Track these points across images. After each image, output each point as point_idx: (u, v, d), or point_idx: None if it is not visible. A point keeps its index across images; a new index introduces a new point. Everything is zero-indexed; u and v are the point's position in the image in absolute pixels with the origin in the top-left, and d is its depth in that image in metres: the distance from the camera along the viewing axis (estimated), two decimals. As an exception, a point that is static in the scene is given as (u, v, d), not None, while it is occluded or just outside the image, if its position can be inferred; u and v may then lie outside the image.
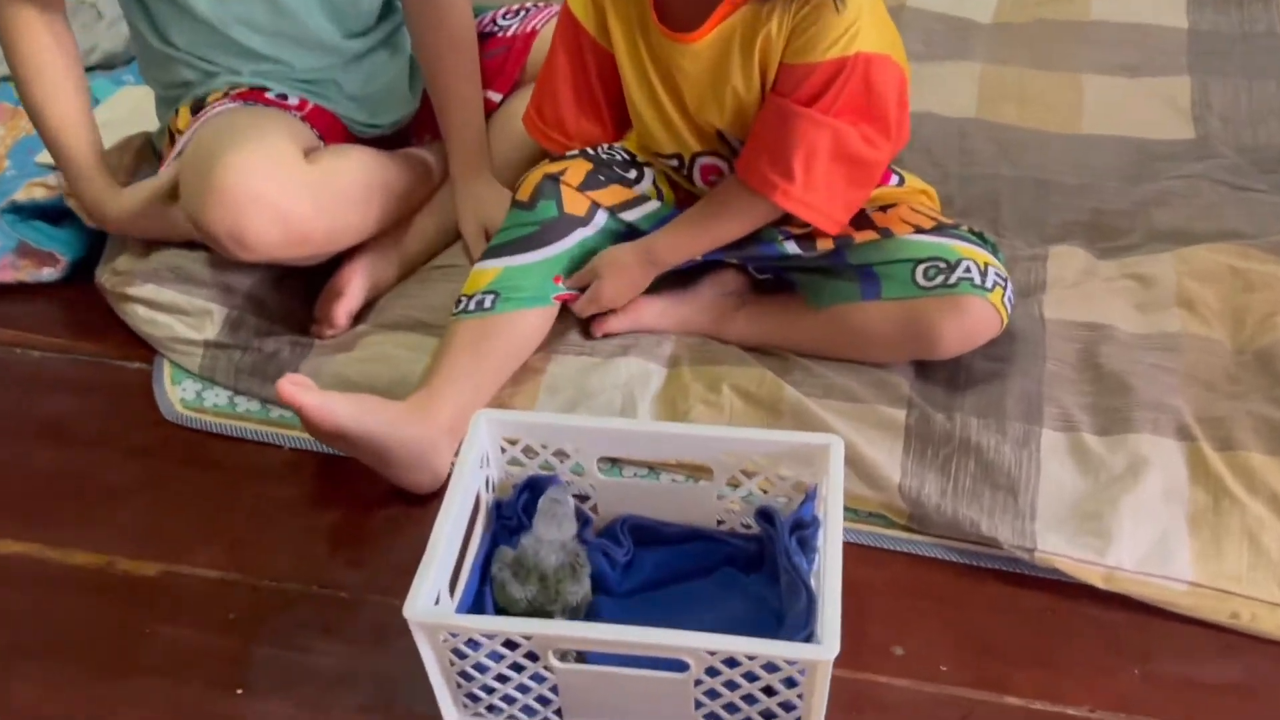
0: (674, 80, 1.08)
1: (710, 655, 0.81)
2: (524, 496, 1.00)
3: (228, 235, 1.09)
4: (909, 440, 1.06)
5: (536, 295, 1.12)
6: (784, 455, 0.94)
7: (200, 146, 1.15)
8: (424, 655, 0.85)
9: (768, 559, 0.98)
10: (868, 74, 0.99)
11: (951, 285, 1.05)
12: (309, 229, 1.13)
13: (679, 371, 1.14)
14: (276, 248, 1.12)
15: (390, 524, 1.09)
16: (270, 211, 1.09)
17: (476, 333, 1.10)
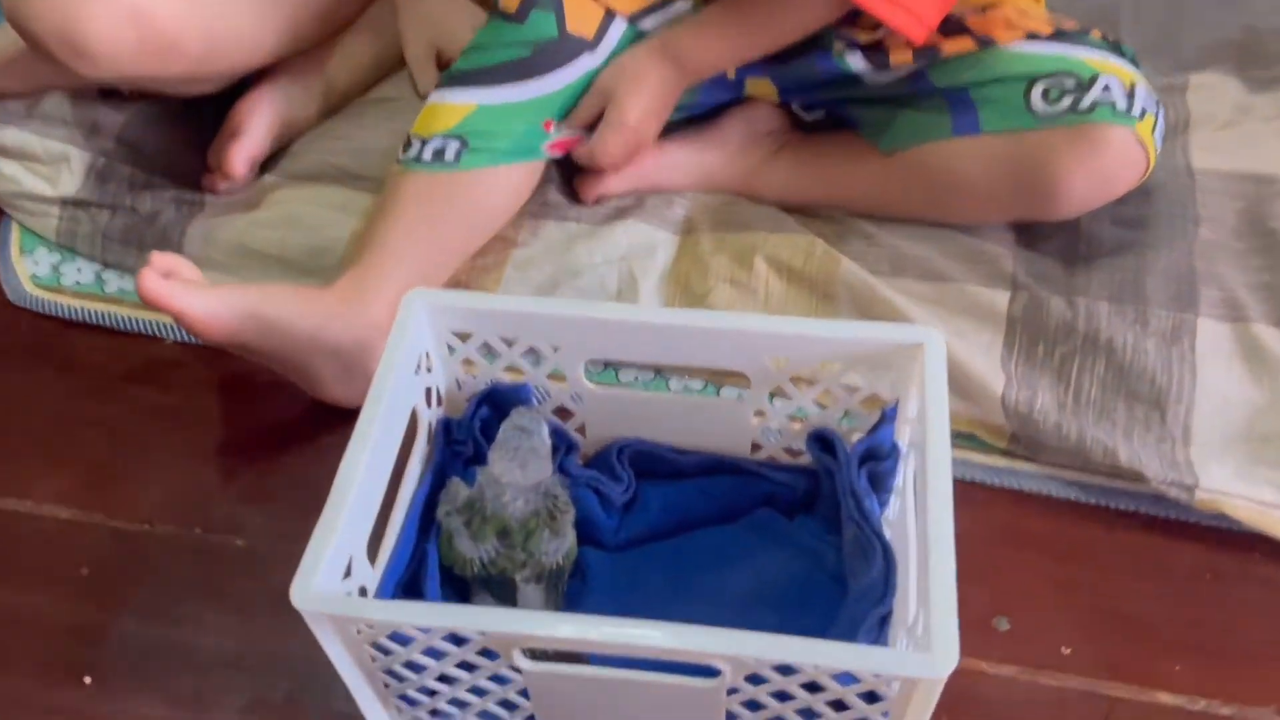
0: None
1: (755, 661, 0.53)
2: (482, 413, 0.71)
3: (59, 38, 0.77)
4: (1014, 334, 0.78)
5: (520, 146, 0.81)
6: (851, 357, 0.65)
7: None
8: (330, 653, 0.57)
9: (823, 500, 0.71)
10: None
11: (1084, 111, 0.74)
12: (177, 31, 0.81)
13: (695, 240, 0.85)
14: (130, 57, 0.79)
15: (307, 448, 0.80)
16: (118, 1, 0.77)
17: (432, 193, 0.79)
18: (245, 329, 0.71)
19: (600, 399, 0.71)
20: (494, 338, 0.69)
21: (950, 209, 0.82)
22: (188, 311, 0.69)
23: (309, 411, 0.81)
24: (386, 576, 0.64)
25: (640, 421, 0.72)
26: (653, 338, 0.67)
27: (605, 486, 0.71)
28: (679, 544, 0.72)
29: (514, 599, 0.65)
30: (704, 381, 0.81)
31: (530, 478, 0.64)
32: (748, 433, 0.72)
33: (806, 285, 0.81)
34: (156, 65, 0.81)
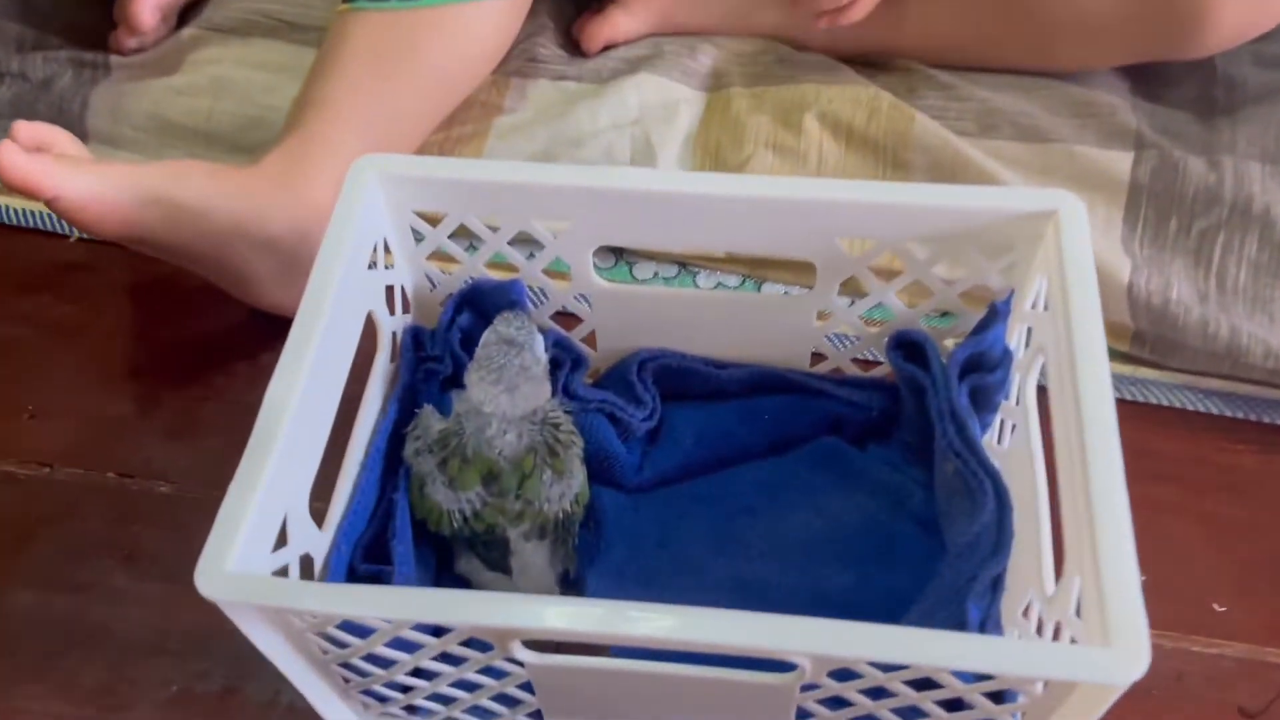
0: None
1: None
2: (462, 320, 0.55)
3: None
4: (1138, 206, 0.61)
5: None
6: (953, 233, 0.49)
7: None
8: (264, 649, 0.42)
9: (905, 424, 0.55)
10: None
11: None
12: None
13: (727, 97, 0.67)
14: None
15: (246, 370, 0.64)
16: None
17: (385, 37, 0.61)
18: (146, 217, 0.54)
19: (615, 300, 0.55)
20: (474, 220, 0.52)
21: (1058, 49, 0.64)
22: (64, 195, 0.52)
23: (248, 324, 0.65)
24: (341, 538, 0.48)
25: (666, 328, 0.56)
26: (686, 214, 0.50)
27: (623, 411, 0.55)
28: (719, 483, 0.56)
29: (507, 562, 0.50)
30: (742, 276, 0.64)
31: (522, 405, 0.48)
32: (808, 339, 0.55)
33: (871, 149, 0.63)
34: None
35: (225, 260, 0.58)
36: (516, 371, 0.48)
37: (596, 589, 0.52)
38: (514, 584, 0.50)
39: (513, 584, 0.50)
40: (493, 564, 0.50)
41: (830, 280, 0.51)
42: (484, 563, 0.50)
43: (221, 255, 0.57)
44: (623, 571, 0.53)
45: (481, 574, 0.51)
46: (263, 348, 0.63)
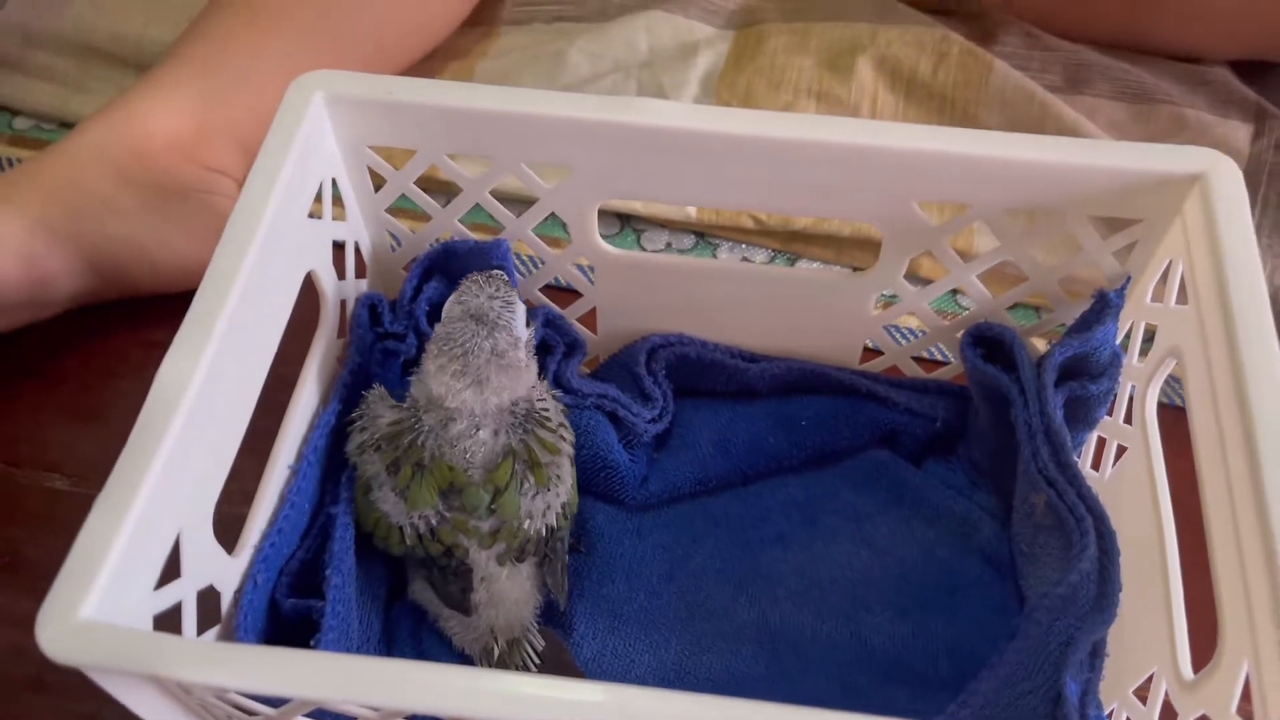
0: None
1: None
2: (431, 289, 0.44)
3: None
4: (1258, 186, 0.51)
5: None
6: (1061, 200, 0.38)
7: None
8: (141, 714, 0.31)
9: (976, 438, 0.44)
10: None
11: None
12: None
13: (759, 35, 0.56)
14: None
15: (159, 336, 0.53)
16: None
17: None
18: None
19: (623, 270, 0.44)
20: (449, 160, 0.41)
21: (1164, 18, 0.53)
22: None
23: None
24: (260, 566, 0.37)
25: (684, 309, 0.45)
26: (719, 162, 0.39)
27: (627, 409, 0.44)
28: (742, 501, 0.46)
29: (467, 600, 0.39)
30: (772, 251, 0.53)
31: (493, 398, 0.37)
32: (861, 329, 0.45)
33: (937, 103, 0.53)
34: None
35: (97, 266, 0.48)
36: (487, 358, 0.37)
37: (582, 632, 0.42)
38: (477, 622, 0.39)
39: (475, 623, 0.39)
40: (450, 600, 0.39)
41: (899, 257, 0.41)
42: (440, 596, 0.39)
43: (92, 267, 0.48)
44: (619, 611, 0.43)
45: (439, 608, 0.40)
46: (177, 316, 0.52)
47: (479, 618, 0.39)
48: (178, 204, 0.49)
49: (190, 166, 0.49)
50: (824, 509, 0.45)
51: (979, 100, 0.52)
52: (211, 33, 0.50)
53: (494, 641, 0.39)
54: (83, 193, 0.48)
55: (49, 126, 0.59)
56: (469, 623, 0.39)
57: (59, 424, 0.50)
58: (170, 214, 0.49)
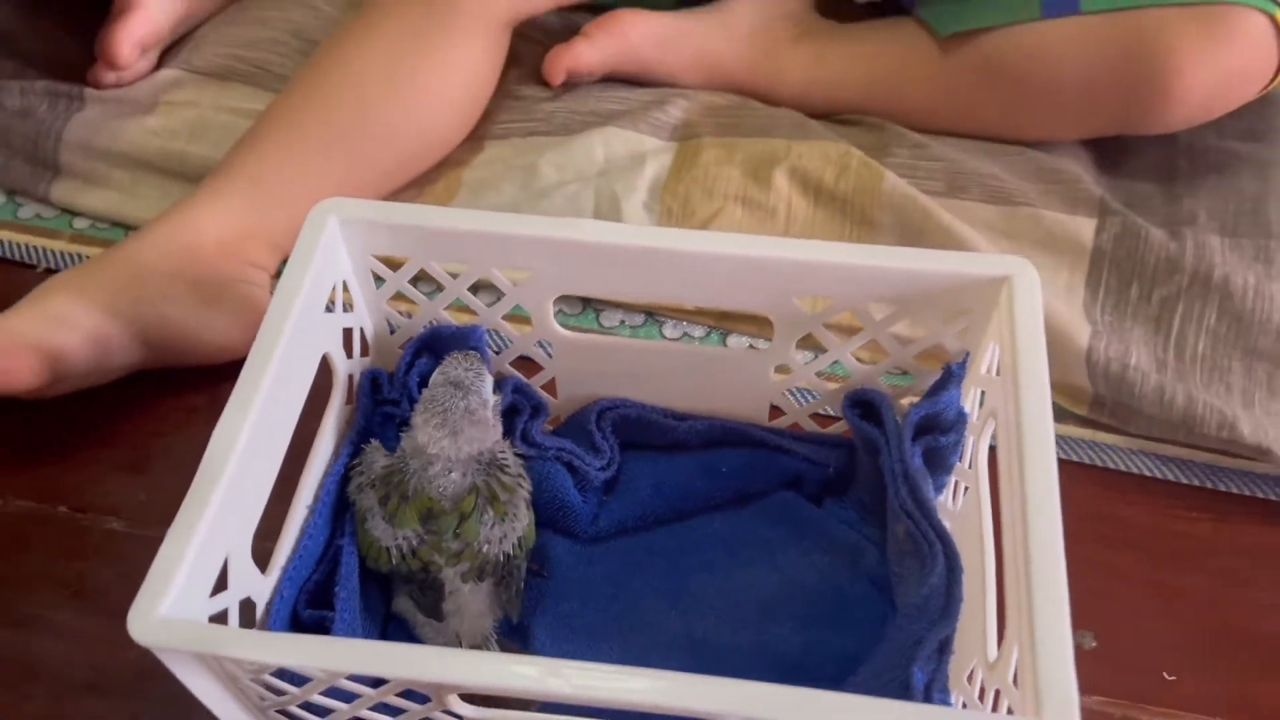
0: None
1: None
2: (421, 364, 0.55)
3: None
4: (1101, 273, 0.62)
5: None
6: (910, 294, 0.49)
7: None
8: (199, 695, 0.42)
9: (861, 481, 0.55)
10: None
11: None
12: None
13: (696, 149, 0.68)
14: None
15: (200, 402, 0.64)
16: None
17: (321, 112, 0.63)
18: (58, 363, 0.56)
19: (576, 348, 0.55)
20: (436, 265, 0.52)
21: (1027, 118, 0.65)
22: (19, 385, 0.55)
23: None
24: (285, 583, 0.47)
25: (627, 378, 0.56)
26: (645, 267, 0.50)
27: (580, 460, 0.55)
28: (675, 535, 0.56)
29: (440, 608, 0.49)
30: (706, 328, 0.64)
31: (466, 447, 0.48)
32: (766, 393, 0.55)
33: (839, 207, 0.64)
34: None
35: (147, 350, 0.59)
36: (461, 414, 0.48)
37: (543, 640, 0.52)
38: (445, 629, 0.50)
39: (444, 629, 0.50)
40: (426, 608, 0.50)
41: (788, 336, 0.52)
42: (417, 606, 0.50)
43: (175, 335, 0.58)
44: (571, 624, 0.53)
45: (415, 615, 0.50)
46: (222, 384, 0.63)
47: (447, 625, 0.49)
48: (221, 294, 0.60)
49: (233, 264, 0.61)
50: (741, 541, 0.56)
51: (874, 204, 0.63)
52: (253, 154, 0.62)
53: (459, 645, 0.49)
54: (143, 284, 0.59)
55: (103, 226, 0.71)
56: (440, 628, 0.49)
57: (115, 475, 0.61)
58: (214, 301, 0.60)
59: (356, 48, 0.65)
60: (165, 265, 0.60)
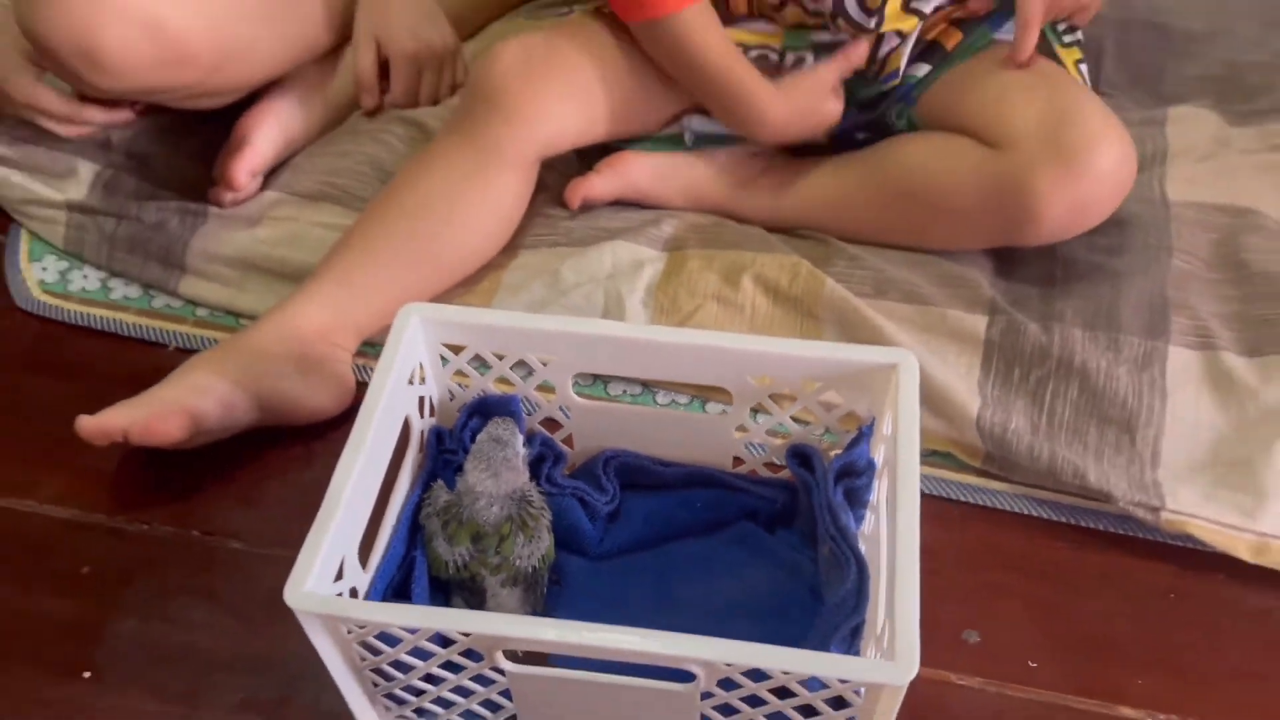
0: None
1: (726, 666, 0.56)
2: (472, 423, 0.74)
3: (76, 49, 0.79)
4: (991, 358, 0.80)
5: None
6: (830, 376, 0.68)
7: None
8: (321, 651, 0.60)
9: (802, 514, 0.73)
10: None
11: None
12: (190, 40, 0.83)
13: (683, 258, 0.87)
14: (145, 68, 0.82)
15: (299, 454, 0.83)
16: (133, 15, 0.79)
17: (404, 233, 0.83)
18: (197, 428, 0.76)
19: (587, 412, 0.74)
20: (486, 351, 0.71)
21: (935, 235, 0.84)
22: (133, 434, 0.74)
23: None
24: (377, 579, 0.66)
25: (626, 434, 0.75)
26: (639, 353, 0.69)
27: (590, 496, 0.74)
28: (662, 554, 0.74)
29: (484, 607, 0.67)
30: (689, 397, 0.83)
31: (504, 486, 0.66)
32: (730, 447, 0.74)
33: (792, 305, 0.83)
34: (170, 76, 0.84)
35: (264, 415, 0.79)
36: (500, 461, 0.66)
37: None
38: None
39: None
40: (473, 607, 0.68)
41: (744, 405, 0.70)
42: (466, 605, 0.68)
43: (260, 414, 0.79)
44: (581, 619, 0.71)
45: (466, 613, 0.69)
46: (313, 439, 0.82)
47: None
48: (317, 370, 0.79)
49: (325, 346, 0.80)
50: (712, 560, 0.74)
51: (818, 304, 0.83)
52: (340, 263, 0.82)
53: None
54: (261, 362, 0.78)
55: (219, 315, 0.90)
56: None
57: (236, 507, 0.80)
58: (312, 375, 0.79)
59: (419, 181, 0.85)
60: (277, 348, 0.79)
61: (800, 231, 0.89)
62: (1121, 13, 1.06)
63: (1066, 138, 0.77)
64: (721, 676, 0.57)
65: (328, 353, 0.81)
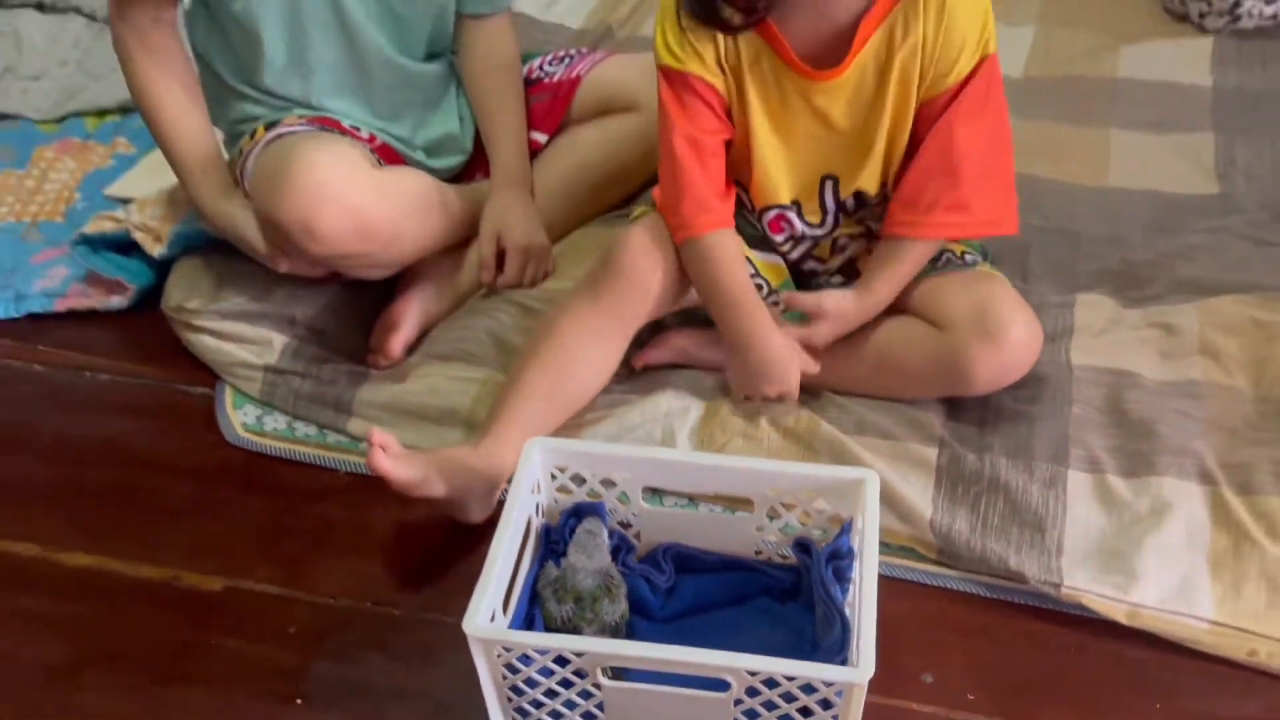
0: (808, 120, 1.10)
1: (751, 675, 0.85)
2: (571, 522, 1.05)
3: (301, 227, 1.16)
4: (940, 478, 1.11)
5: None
6: (821, 489, 0.99)
7: (275, 151, 1.23)
8: (479, 669, 0.90)
9: (804, 589, 1.03)
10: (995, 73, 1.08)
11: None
12: (375, 223, 1.19)
13: (717, 405, 1.19)
14: (344, 240, 1.18)
15: (441, 547, 1.14)
16: (341, 204, 1.17)
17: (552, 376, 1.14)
18: (427, 483, 1.06)
19: (650, 515, 1.05)
20: (581, 470, 1.03)
21: (900, 390, 1.17)
22: (397, 479, 1.04)
23: (438, 520, 1.14)
24: (510, 627, 0.96)
25: (678, 532, 1.06)
26: (688, 473, 1.01)
27: (653, 576, 1.04)
28: (705, 619, 1.04)
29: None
30: (723, 506, 1.14)
31: (595, 564, 0.97)
32: (753, 541, 1.05)
33: (796, 440, 1.15)
34: (357, 246, 1.19)
35: (457, 504, 1.10)
36: (594, 547, 0.97)
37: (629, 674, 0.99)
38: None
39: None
40: (577, 652, 0.98)
41: (761, 510, 1.01)
42: (572, 651, 0.98)
43: (457, 503, 1.09)
44: (649, 662, 1.00)
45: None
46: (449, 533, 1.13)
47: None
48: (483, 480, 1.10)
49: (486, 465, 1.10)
50: (741, 625, 1.02)
51: (815, 439, 1.14)
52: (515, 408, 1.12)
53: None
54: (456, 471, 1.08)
55: (377, 446, 1.23)
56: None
57: (395, 587, 1.10)
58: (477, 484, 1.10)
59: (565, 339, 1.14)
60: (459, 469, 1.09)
61: (802, 387, 1.22)
62: (1043, 222, 1.40)
63: (989, 321, 1.10)
64: (747, 685, 0.86)
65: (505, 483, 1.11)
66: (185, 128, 1.27)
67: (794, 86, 1.08)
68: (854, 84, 1.07)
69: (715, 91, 1.08)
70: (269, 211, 1.19)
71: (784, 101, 1.09)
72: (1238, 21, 1.74)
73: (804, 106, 1.09)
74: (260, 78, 1.27)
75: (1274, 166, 1.50)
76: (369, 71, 1.30)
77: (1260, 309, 1.24)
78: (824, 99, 1.08)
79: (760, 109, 1.09)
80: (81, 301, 1.42)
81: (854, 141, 1.11)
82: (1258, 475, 1.08)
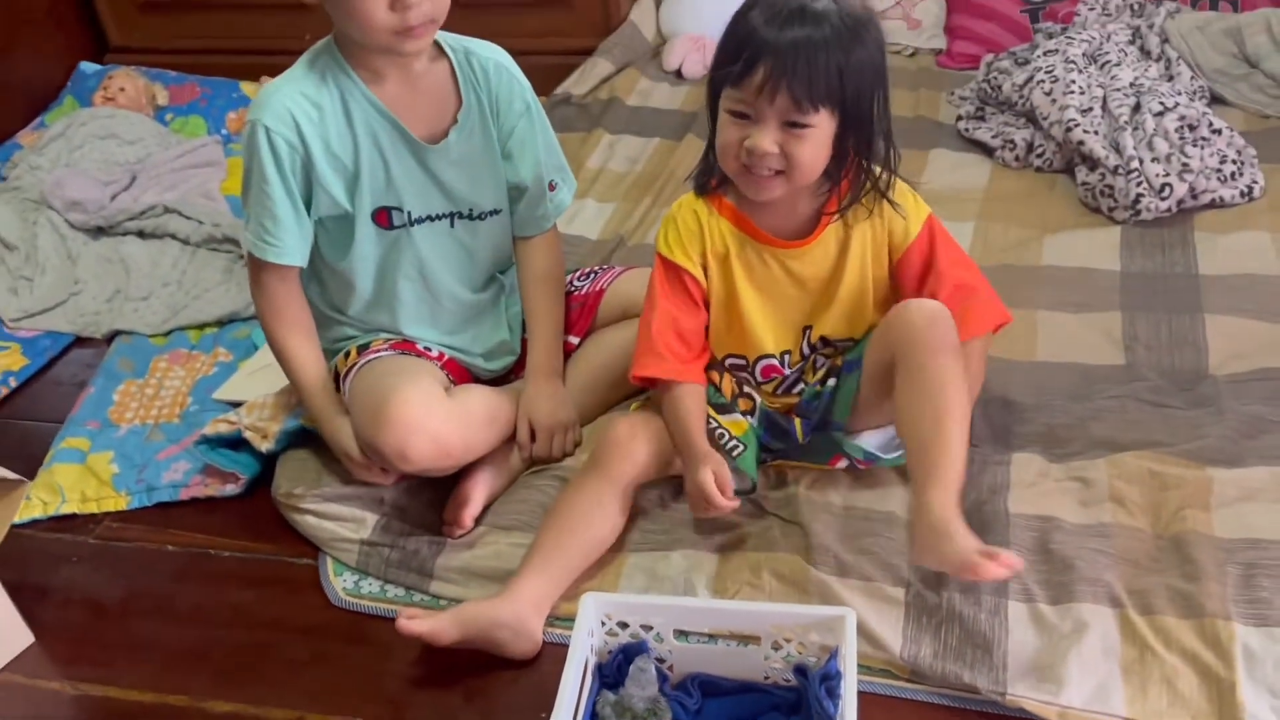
0: (785, 282, 1.46)
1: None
2: (619, 659, 1.33)
3: (395, 454, 1.50)
4: (908, 612, 1.40)
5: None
6: (812, 624, 1.28)
7: (369, 384, 1.56)
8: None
9: (804, 706, 1.31)
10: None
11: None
12: (453, 447, 1.54)
13: (729, 558, 1.49)
14: (429, 461, 1.52)
15: (508, 681, 1.41)
16: (428, 435, 1.51)
17: (559, 534, 1.46)
18: (456, 637, 1.37)
19: (681, 650, 1.34)
20: (625, 617, 1.32)
21: None
22: (424, 635, 1.36)
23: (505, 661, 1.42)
24: (577, 743, 1.24)
25: (703, 662, 1.34)
26: (709, 617, 1.31)
27: (685, 700, 1.32)
28: (727, 736, 1.32)
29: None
30: (737, 641, 1.43)
31: (646, 691, 1.26)
32: (762, 669, 1.33)
33: (791, 584, 1.44)
34: (439, 464, 1.53)
35: (490, 645, 1.39)
36: (645, 680, 1.26)
37: (674, 774, 1.26)
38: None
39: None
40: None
41: (767, 643, 1.30)
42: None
43: (489, 644, 1.39)
44: (685, 769, 1.28)
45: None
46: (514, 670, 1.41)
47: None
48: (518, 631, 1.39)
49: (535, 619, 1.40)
50: (755, 735, 1.31)
51: (808, 583, 1.42)
52: (536, 565, 1.43)
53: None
54: (472, 619, 1.37)
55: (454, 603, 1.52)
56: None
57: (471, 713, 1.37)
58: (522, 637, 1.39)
59: (574, 504, 1.46)
60: (496, 616, 1.39)
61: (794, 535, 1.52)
62: (985, 394, 1.72)
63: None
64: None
65: (533, 623, 1.41)
66: (303, 360, 1.62)
67: (772, 256, 1.45)
68: (821, 250, 1.44)
69: (697, 283, 1.47)
70: (369, 438, 1.53)
71: (765, 268, 1.45)
72: (1139, 215, 2.10)
73: (782, 271, 1.45)
74: (348, 309, 1.63)
75: (1168, 338, 1.83)
76: (439, 303, 1.65)
77: (1156, 463, 1.55)
78: (797, 263, 1.45)
79: (745, 279, 1.45)
80: (202, 490, 1.73)
81: (820, 297, 1.47)
82: (1156, 599, 1.37)
